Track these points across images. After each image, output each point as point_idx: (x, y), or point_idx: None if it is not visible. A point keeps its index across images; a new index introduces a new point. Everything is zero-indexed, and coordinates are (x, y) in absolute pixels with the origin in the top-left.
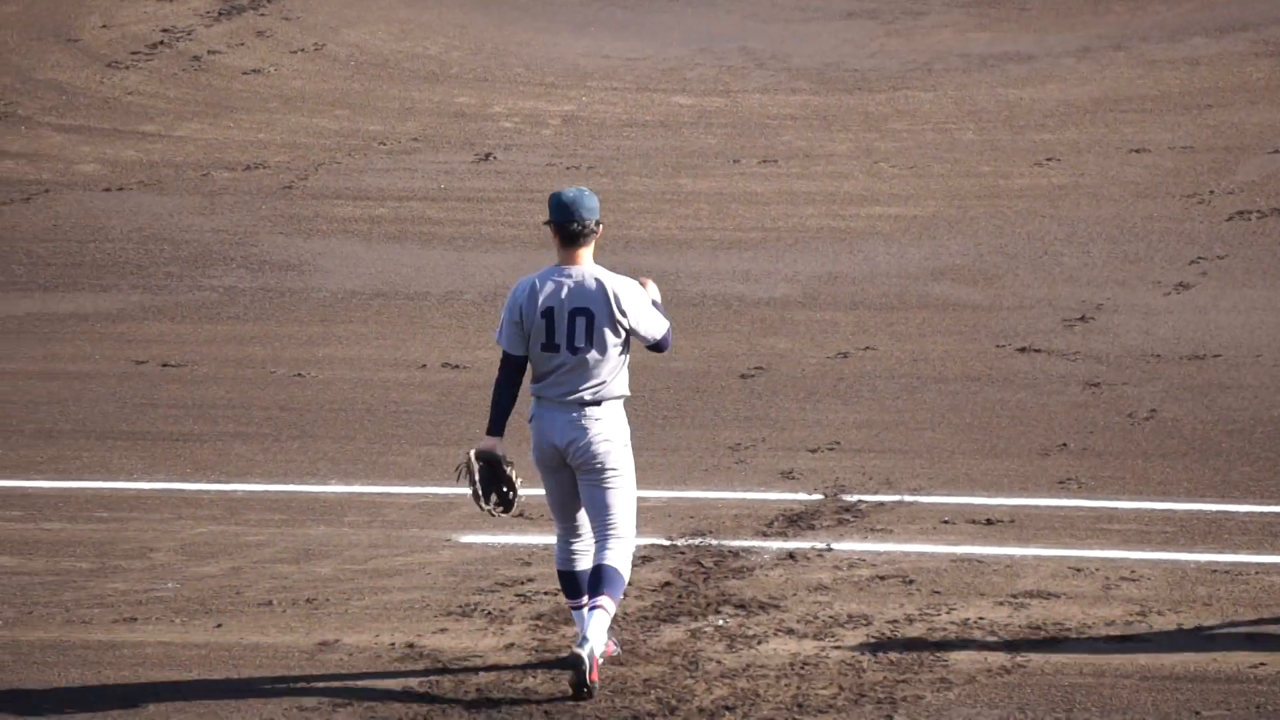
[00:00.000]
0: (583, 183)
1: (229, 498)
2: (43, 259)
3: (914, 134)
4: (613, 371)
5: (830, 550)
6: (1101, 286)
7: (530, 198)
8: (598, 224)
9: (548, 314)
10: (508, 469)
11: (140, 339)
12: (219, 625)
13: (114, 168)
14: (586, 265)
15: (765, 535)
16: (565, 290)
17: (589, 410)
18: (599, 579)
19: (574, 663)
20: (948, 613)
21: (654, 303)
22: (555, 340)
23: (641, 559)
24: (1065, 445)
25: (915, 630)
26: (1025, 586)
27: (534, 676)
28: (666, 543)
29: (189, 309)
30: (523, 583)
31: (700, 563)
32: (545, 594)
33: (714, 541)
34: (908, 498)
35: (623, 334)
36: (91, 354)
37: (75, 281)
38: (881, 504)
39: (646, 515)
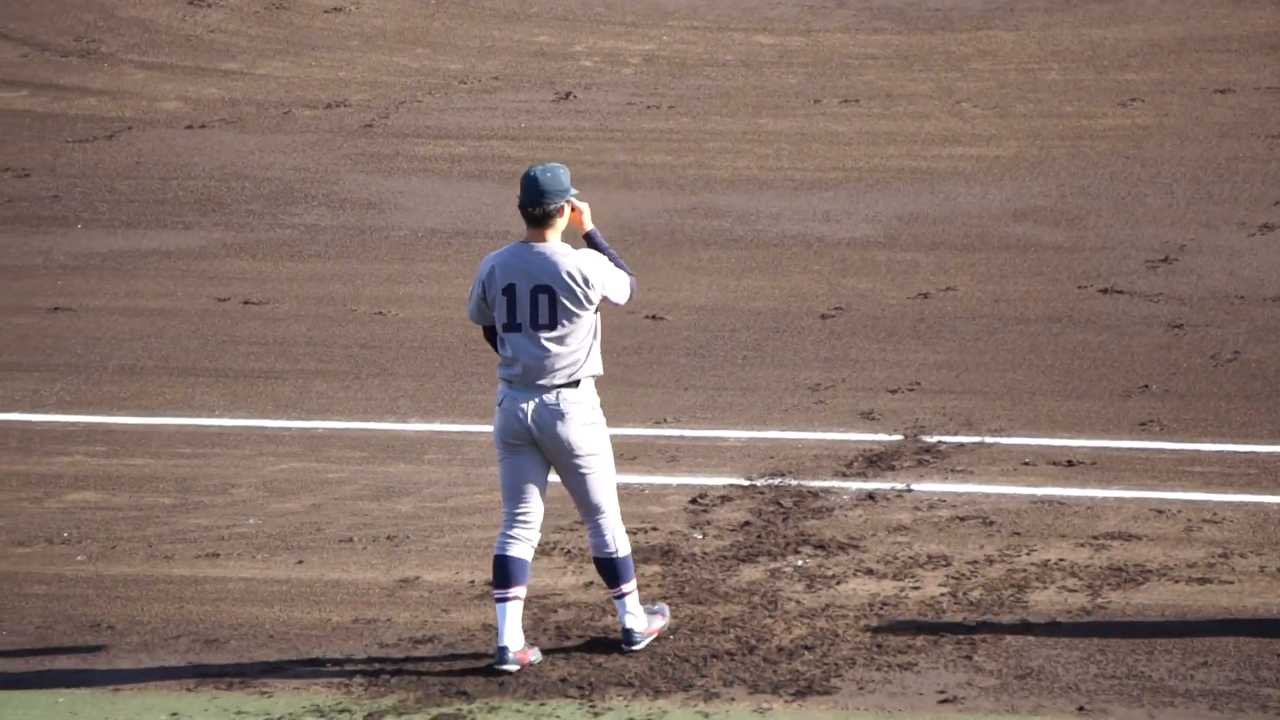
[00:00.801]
0: (662, 121)
1: (310, 435)
2: (125, 196)
3: (996, 74)
4: (581, 349)
5: (910, 491)
6: (1185, 227)
7: (610, 137)
8: (564, 207)
9: (509, 290)
10: None
11: (222, 276)
12: (300, 561)
13: (196, 105)
14: (551, 244)
15: (845, 476)
16: (527, 267)
17: (563, 393)
18: (613, 573)
19: (631, 651)
20: (1028, 554)
21: (610, 256)
22: (517, 319)
23: (721, 499)
24: (1147, 387)
25: (995, 571)
26: (1106, 528)
27: (614, 614)
28: (746, 483)
29: (270, 246)
30: None
31: (779, 503)
32: (627, 533)
33: (793, 482)
34: (988, 439)
35: (589, 308)
36: (174, 291)
37: (158, 219)
38: (962, 445)
39: (726, 455)
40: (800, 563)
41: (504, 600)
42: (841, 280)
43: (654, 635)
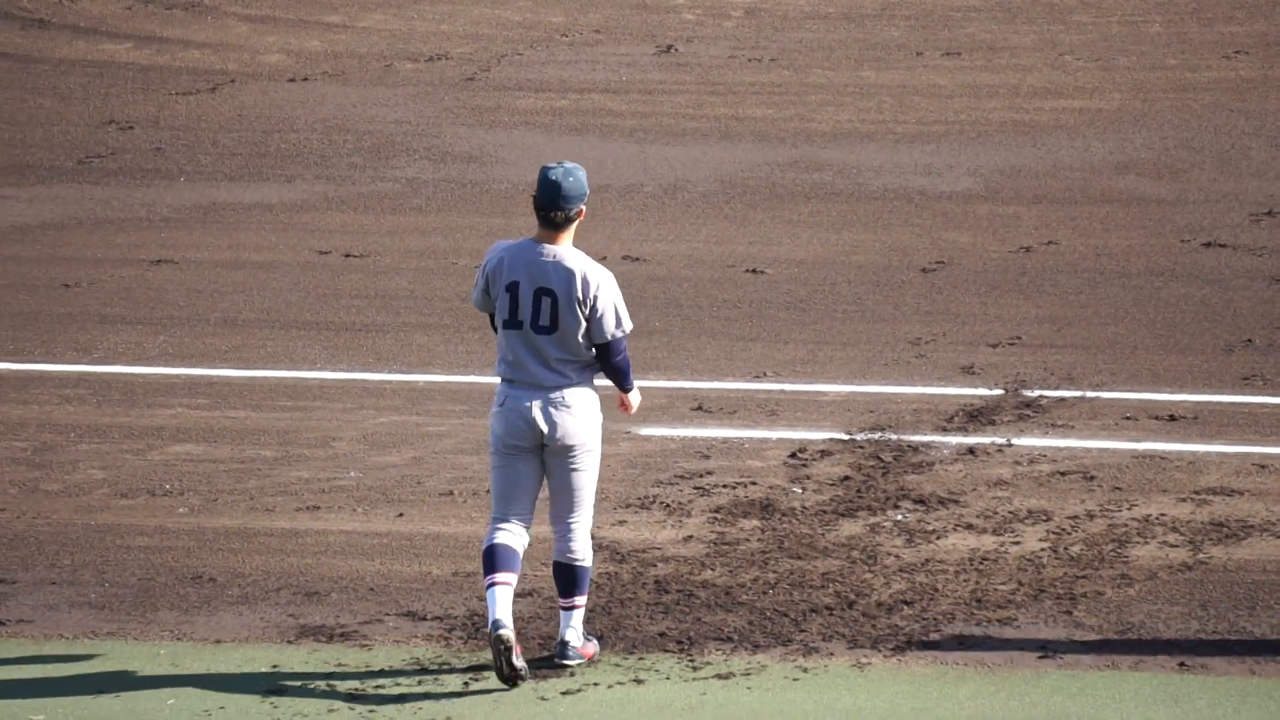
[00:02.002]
0: (763, 75)
1: (411, 388)
2: (228, 149)
3: (1099, 26)
4: (582, 352)
5: (1010, 445)
6: None
7: (712, 90)
8: (582, 210)
9: (512, 288)
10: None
11: (324, 229)
12: (400, 515)
13: (299, 58)
14: (563, 247)
15: (945, 430)
16: (533, 268)
17: (566, 392)
18: (571, 581)
19: (562, 666)
20: (1129, 509)
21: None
22: (519, 316)
23: (820, 453)
24: (1250, 341)
25: (1096, 526)
26: (1208, 483)
27: (712, 569)
28: (846, 437)
29: (372, 200)
30: (701, 475)
31: (879, 457)
32: (724, 487)
33: (893, 436)
34: (1089, 393)
35: (583, 321)
36: (275, 244)
37: (260, 172)
38: (1063, 399)
39: (826, 409)
40: (900, 517)
41: (492, 585)
42: (943, 234)
43: (587, 658)
